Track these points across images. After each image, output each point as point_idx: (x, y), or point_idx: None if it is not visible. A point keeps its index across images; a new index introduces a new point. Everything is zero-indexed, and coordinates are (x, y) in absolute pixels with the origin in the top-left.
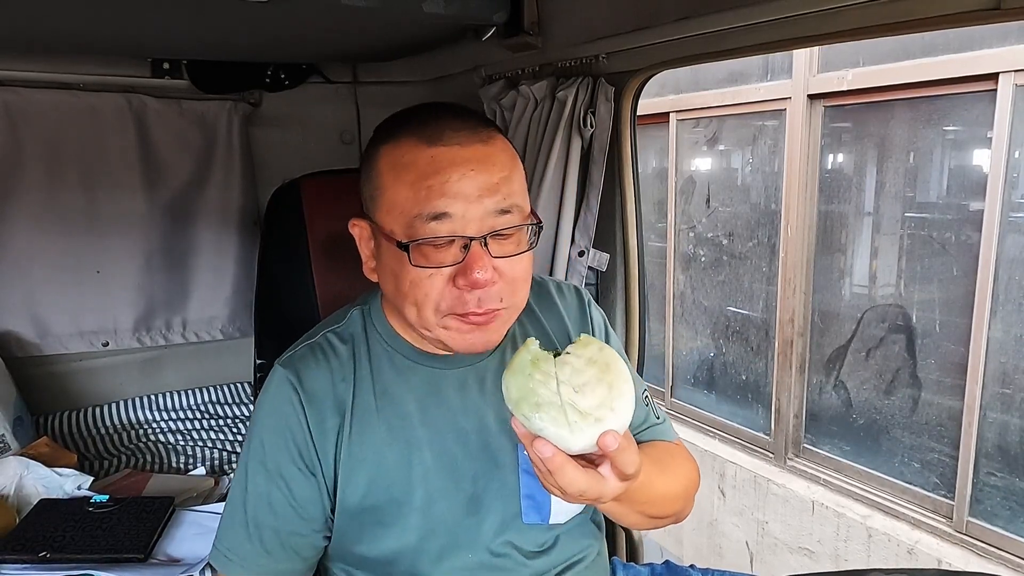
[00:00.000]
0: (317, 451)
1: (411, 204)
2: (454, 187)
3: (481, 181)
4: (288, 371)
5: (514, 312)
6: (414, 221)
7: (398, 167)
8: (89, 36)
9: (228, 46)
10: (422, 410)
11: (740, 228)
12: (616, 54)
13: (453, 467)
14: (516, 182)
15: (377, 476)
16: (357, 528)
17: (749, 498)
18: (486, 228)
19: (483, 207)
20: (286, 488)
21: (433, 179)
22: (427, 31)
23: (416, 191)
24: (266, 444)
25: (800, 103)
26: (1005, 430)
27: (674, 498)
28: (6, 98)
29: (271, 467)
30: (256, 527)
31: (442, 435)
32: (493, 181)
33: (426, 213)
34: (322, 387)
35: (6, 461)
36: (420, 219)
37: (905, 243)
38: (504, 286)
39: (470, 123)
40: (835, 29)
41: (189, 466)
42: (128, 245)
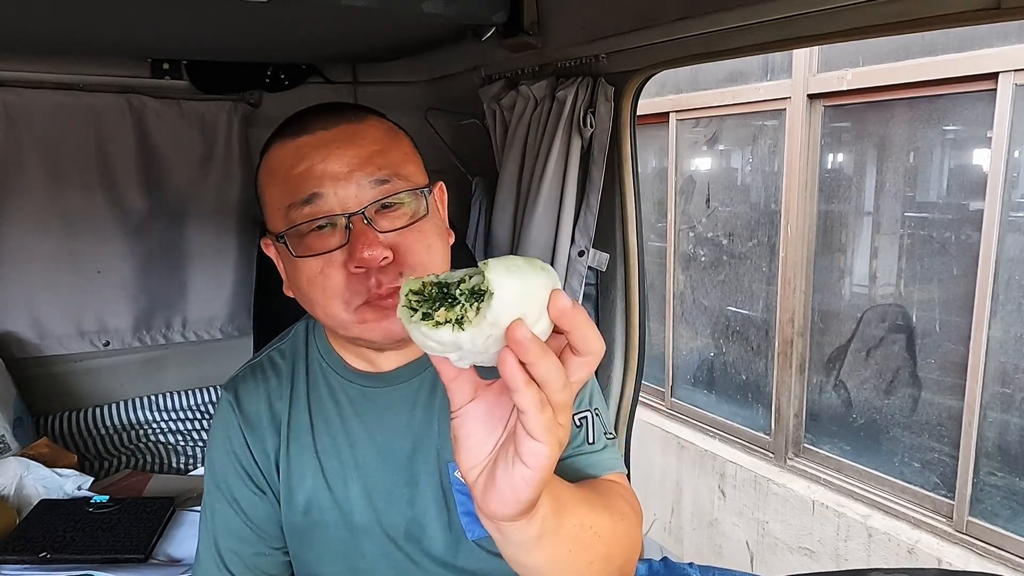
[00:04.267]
0: (261, 470)
1: (283, 196)
2: (319, 168)
3: (349, 157)
4: (229, 394)
5: None
6: (288, 212)
7: (270, 170)
8: (89, 36)
9: (228, 46)
10: (352, 432)
11: (740, 228)
12: (616, 54)
13: (386, 492)
14: (395, 153)
15: (315, 496)
16: (305, 547)
17: (749, 498)
18: (365, 202)
19: (355, 182)
20: (240, 510)
21: (299, 166)
22: (427, 31)
23: (286, 183)
24: (217, 468)
25: (800, 103)
26: (1005, 429)
27: (612, 540)
28: (6, 98)
29: (224, 490)
30: (218, 554)
31: (372, 459)
32: (363, 155)
33: (298, 200)
34: (258, 407)
35: (6, 462)
36: (294, 208)
37: (905, 243)
38: (401, 262)
39: (338, 110)
40: (835, 29)
41: (189, 466)
42: (128, 245)
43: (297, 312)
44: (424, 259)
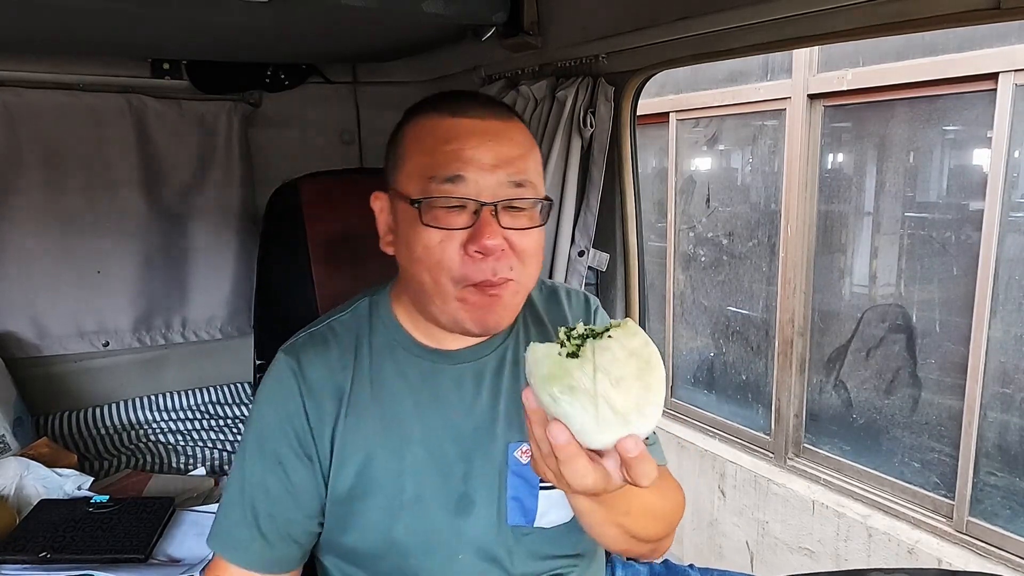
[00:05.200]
0: (314, 437)
1: (428, 167)
2: (470, 153)
3: (498, 152)
4: (290, 358)
5: (524, 289)
6: (429, 183)
7: (420, 135)
8: (89, 37)
9: (228, 46)
10: (417, 405)
11: (740, 228)
12: (616, 54)
13: (444, 465)
14: (532, 162)
15: (367, 466)
16: (346, 517)
17: (749, 498)
18: (499, 197)
19: (496, 177)
20: (283, 474)
21: (451, 144)
22: (427, 31)
23: (434, 155)
24: (265, 430)
25: (800, 103)
26: (1005, 430)
27: (660, 518)
28: (6, 98)
29: (269, 453)
30: (252, 513)
31: (435, 432)
32: (510, 155)
33: (441, 175)
34: (322, 374)
35: (6, 461)
36: (435, 180)
37: (905, 243)
38: (514, 257)
39: (490, 104)
40: (834, 29)
41: (189, 466)
42: (128, 245)
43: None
44: (532, 265)
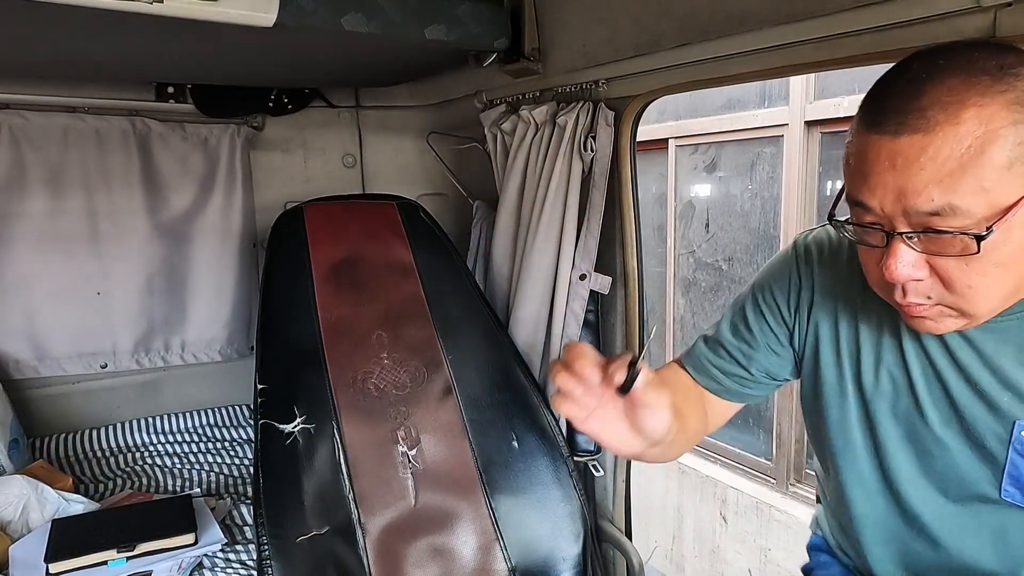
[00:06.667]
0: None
1: (847, 183)
2: (874, 180)
3: (905, 180)
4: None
5: (966, 315)
6: (848, 200)
7: (848, 146)
8: (95, 61)
9: (232, 71)
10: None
11: (740, 253)
12: (616, 80)
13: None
14: (966, 181)
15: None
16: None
17: (751, 524)
18: (912, 225)
19: (902, 207)
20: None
21: (863, 165)
22: (429, 57)
23: (849, 173)
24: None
25: (797, 129)
26: None
27: None
28: (12, 121)
29: None
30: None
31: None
32: (922, 181)
33: (851, 197)
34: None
35: (12, 480)
36: (849, 200)
37: None
38: (935, 283)
39: (926, 99)
40: (832, 56)
41: (185, 489)
42: (129, 267)
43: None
44: (962, 288)
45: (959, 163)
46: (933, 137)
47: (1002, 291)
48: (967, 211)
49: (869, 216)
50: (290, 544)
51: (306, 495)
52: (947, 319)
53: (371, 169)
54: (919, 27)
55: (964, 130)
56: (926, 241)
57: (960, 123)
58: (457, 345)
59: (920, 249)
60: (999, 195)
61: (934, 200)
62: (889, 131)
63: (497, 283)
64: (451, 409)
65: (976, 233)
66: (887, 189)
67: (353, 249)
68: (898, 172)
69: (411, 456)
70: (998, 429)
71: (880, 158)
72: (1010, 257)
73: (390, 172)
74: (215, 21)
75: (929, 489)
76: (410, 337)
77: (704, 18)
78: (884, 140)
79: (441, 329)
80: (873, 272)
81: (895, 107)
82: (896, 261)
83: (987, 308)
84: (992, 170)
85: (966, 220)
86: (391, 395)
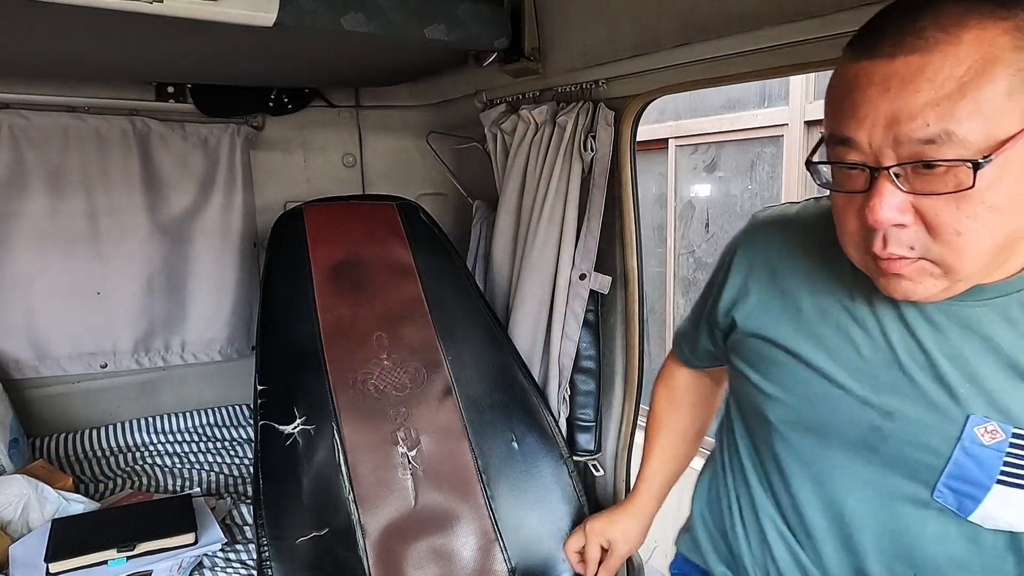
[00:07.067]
0: None
1: (828, 124)
2: (863, 109)
3: (899, 103)
4: None
5: (949, 272)
6: (830, 143)
7: (831, 84)
8: (95, 61)
9: (232, 71)
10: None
11: None
12: (615, 79)
13: None
14: (966, 103)
15: None
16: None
17: None
18: (900, 158)
19: (894, 135)
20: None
21: (849, 97)
22: (429, 57)
23: (832, 110)
24: None
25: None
26: None
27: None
28: (11, 121)
29: None
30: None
31: None
32: (917, 103)
33: (835, 135)
34: None
35: (12, 480)
36: (831, 142)
37: None
38: (920, 232)
39: (924, 20)
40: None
41: (186, 489)
42: (129, 267)
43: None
44: (950, 235)
45: (958, 84)
46: (931, 57)
47: (993, 242)
48: (963, 139)
49: (853, 154)
50: (290, 545)
51: (306, 496)
52: (927, 279)
53: (371, 169)
54: None
55: (964, 51)
56: (915, 179)
57: (960, 43)
58: (457, 346)
59: (908, 188)
60: (998, 123)
61: (929, 125)
62: (884, 54)
63: (497, 283)
64: (451, 410)
65: (973, 160)
66: (878, 116)
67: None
68: (892, 96)
69: (411, 457)
70: (948, 424)
71: (873, 83)
72: (1005, 200)
73: (390, 172)
74: (215, 21)
75: (861, 483)
76: (410, 338)
77: (704, 17)
78: (878, 64)
79: (441, 330)
80: (850, 224)
81: (891, 31)
82: (881, 200)
83: (974, 263)
84: (992, 95)
85: (962, 150)
86: (391, 396)
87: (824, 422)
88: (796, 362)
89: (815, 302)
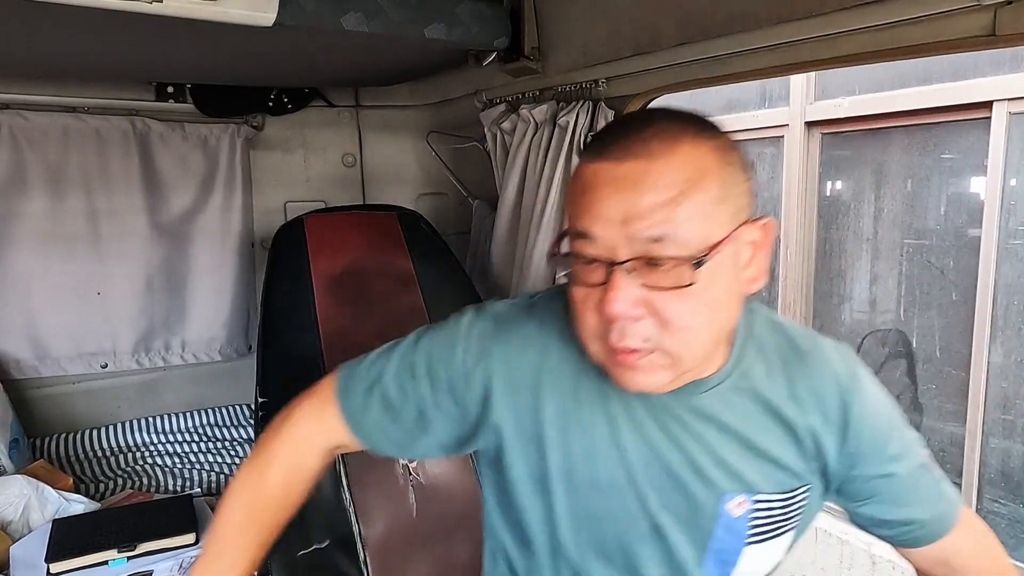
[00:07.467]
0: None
1: (570, 219)
2: (597, 208)
3: (629, 204)
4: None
5: (677, 362)
6: (571, 236)
7: (572, 182)
8: (95, 61)
9: (232, 71)
10: None
11: None
12: (615, 79)
13: None
14: (686, 206)
15: None
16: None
17: None
18: (631, 255)
19: (625, 234)
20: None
21: (586, 196)
22: (429, 56)
23: (572, 207)
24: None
25: (798, 130)
26: (1008, 457)
27: None
28: (12, 121)
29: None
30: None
31: None
32: (644, 206)
33: (575, 230)
34: None
35: (12, 480)
36: (572, 236)
37: (904, 268)
38: (654, 324)
39: (642, 136)
40: (831, 55)
41: (186, 489)
42: (129, 267)
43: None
44: (678, 327)
45: (679, 190)
46: (655, 163)
47: (711, 336)
48: (685, 240)
49: (592, 248)
50: (292, 559)
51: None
52: (658, 370)
53: (371, 168)
54: (920, 26)
55: (681, 161)
56: (647, 274)
57: (677, 154)
58: None
59: (640, 283)
60: (711, 227)
61: (655, 225)
62: (614, 158)
63: (497, 283)
64: None
65: (693, 258)
66: (612, 214)
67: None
68: (623, 196)
69: (412, 468)
70: (710, 506)
71: (606, 184)
72: (719, 299)
73: (390, 172)
74: (215, 21)
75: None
76: None
77: (704, 17)
78: (609, 166)
79: None
80: (590, 318)
81: (620, 140)
82: (616, 293)
83: (699, 353)
84: (705, 201)
85: (683, 249)
86: None
87: (606, 522)
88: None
89: (575, 408)
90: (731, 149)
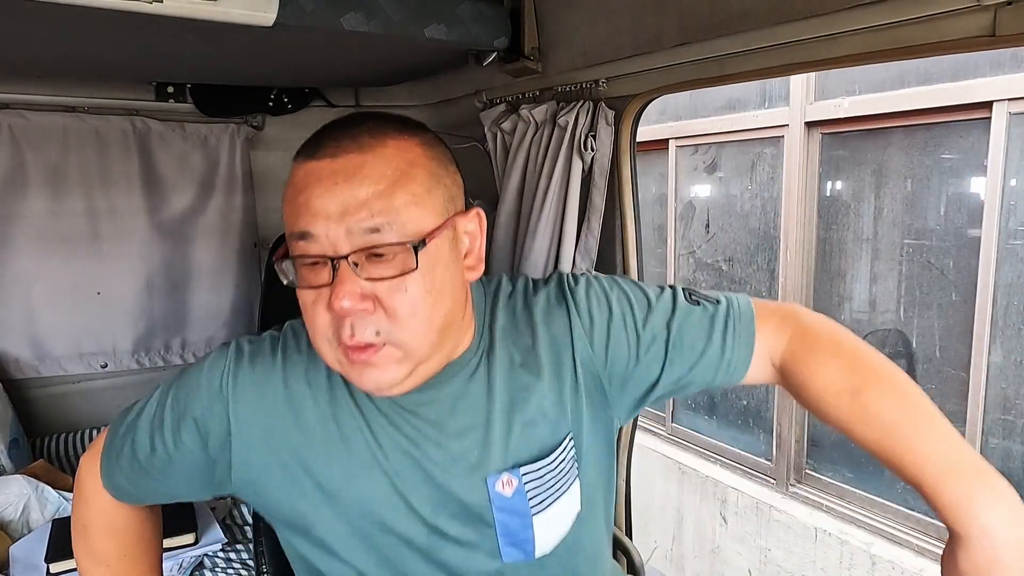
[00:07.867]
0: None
1: (288, 223)
2: (316, 204)
3: (346, 196)
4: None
5: (409, 354)
6: (290, 240)
7: (286, 187)
8: (95, 60)
9: (232, 70)
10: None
11: (740, 253)
12: (616, 79)
13: None
14: (400, 195)
15: None
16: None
17: (751, 525)
18: (354, 247)
19: (346, 226)
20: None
21: (302, 195)
22: (429, 56)
23: (290, 209)
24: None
25: (797, 130)
26: (1008, 457)
27: None
28: (11, 121)
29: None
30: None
31: None
32: (361, 197)
33: (295, 232)
34: None
35: (12, 480)
36: (293, 238)
37: (904, 268)
38: (382, 316)
39: (354, 134)
40: (832, 55)
41: None
42: (129, 267)
43: None
44: (405, 316)
45: (392, 180)
46: (367, 156)
47: (437, 324)
48: (402, 227)
49: (314, 247)
50: None
51: None
52: (392, 365)
53: None
54: (920, 26)
55: (390, 153)
56: (370, 266)
57: (387, 147)
58: None
59: (365, 275)
60: (428, 213)
61: (374, 215)
62: (328, 155)
63: None
64: None
65: (412, 243)
66: (331, 209)
67: None
68: (340, 189)
69: None
70: (476, 493)
71: (322, 180)
72: (442, 287)
73: None
74: (215, 21)
75: None
76: None
77: (704, 17)
78: (324, 164)
79: None
80: (320, 319)
81: (330, 139)
82: (343, 288)
83: (427, 341)
84: (418, 190)
85: (402, 236)
86: None
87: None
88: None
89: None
90: (435, 144)
